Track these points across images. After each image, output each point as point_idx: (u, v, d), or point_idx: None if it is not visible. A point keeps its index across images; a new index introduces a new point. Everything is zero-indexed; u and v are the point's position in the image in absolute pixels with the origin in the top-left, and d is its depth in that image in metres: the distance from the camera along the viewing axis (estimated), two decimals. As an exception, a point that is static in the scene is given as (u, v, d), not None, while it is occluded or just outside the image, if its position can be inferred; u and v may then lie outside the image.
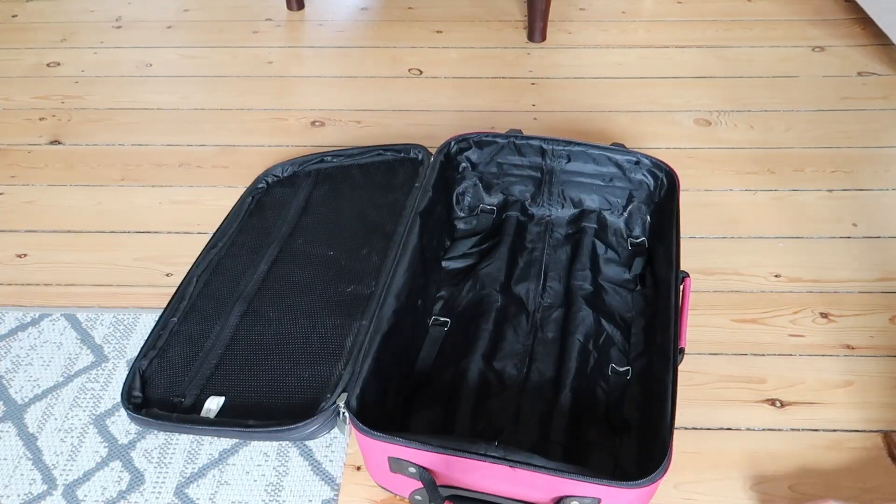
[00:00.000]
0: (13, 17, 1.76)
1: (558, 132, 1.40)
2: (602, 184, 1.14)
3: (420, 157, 1.19)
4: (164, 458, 0.93)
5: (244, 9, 1.78)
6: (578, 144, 1.12)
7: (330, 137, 1.41)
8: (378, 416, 0.85)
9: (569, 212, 1.17)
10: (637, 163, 1.11)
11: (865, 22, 1.68)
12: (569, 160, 1.13)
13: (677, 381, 0.81)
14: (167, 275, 1.15)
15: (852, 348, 1.01)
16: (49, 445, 0.94)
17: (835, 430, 0.92)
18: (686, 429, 0.93)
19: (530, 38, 1.64)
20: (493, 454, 0.75)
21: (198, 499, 0.89)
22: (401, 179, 1.19)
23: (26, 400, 0.99)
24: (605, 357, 0.98)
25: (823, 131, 1.39)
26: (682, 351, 0.85)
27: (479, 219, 1.17)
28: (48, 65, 1.61)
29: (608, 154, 1.12)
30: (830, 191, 1.26)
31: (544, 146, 1.13)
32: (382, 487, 0.88)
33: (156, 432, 0.95)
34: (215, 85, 1.55)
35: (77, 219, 1.25)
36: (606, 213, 1.16)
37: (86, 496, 0.89)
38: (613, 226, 1.15)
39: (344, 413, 0.81)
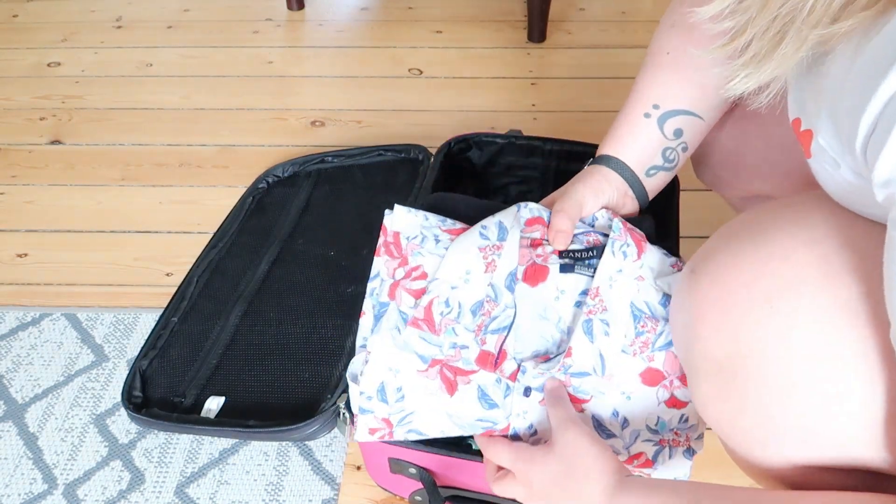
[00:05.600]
0: (14, 16, 1.76)
1: (558, 132, 1.39)
2: (602, 184, 1.14)
3: (420, 157, 1.19)
4: (165, 457, 0.93)
5: (244, 9, 1.78)
6: (578, 144, 1.12)
7: (330, 137, 1.41)
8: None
9: (569, 212, 1.17)
10: (637, 163, 1.11)
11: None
12: (569, 160, 1.13)
13: (677, 382, 0.81)
14: (167, 275, 1.15)
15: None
16: (49, 445, 0.94)
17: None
18: (686, 429, 0.93)
19: (530, 38, 1.64)
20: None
21: (198, 498, 0.89)
22: (401, 180, 1.19)
23: (27, 399, 0.99)
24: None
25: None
26: (681, 351, 0.85)
27: (479, 219, 1.17)
28: (49, 65, 1.61)
29: (608, 154, 1.12)
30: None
31: (544, 146, 1.13)
32: (382, 488, 0.88)
33: (156, 432, 0.95)
34: (215, 85, 1.55)
35: (77, 218, 1.25)
36: (606, 214, 1.15)
37: (86, 495, 0.89)
38: (613, 226, 1.15)
39: (344, 413, 0.81)
